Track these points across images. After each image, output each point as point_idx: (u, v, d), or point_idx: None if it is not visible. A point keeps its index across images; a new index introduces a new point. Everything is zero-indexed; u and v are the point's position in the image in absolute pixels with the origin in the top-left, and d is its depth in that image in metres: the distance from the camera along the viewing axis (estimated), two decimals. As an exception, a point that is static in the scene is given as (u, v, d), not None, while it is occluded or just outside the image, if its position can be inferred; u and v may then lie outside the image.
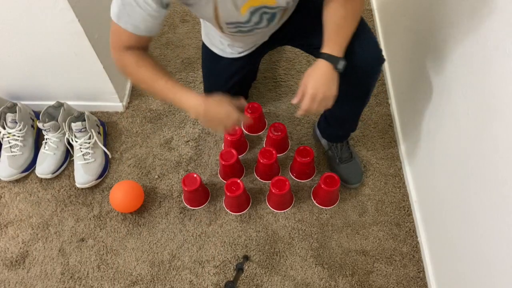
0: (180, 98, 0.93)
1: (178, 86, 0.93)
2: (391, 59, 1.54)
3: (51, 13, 1.12)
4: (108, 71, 1.35)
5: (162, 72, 0.92)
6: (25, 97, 1.45)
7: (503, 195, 0.80)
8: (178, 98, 0.93)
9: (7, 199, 1.34)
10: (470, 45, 0.92)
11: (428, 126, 1.18)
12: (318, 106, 0.90)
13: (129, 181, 1.30)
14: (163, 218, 1.29)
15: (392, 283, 1.17)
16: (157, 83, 0.92)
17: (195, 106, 0.92)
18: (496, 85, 0.82)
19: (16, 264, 1.23)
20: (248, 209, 1.30)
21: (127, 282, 1.19)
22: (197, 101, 0.92)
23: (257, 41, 1.17)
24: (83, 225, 1.29)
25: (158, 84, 0.92)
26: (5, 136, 1.36)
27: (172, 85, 0.92)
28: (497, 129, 0.82)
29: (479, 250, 0.91)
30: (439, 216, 1.12)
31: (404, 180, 1.34)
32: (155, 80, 0.92)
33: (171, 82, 0.92)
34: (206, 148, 1.42)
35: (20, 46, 1.23)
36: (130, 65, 0.91)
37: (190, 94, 0.92)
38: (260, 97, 1.53)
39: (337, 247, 1.23)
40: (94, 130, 1.35)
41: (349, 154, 1.32)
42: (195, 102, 0.92)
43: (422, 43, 1.21)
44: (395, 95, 1.48)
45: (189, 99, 0.92)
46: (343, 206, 1.30)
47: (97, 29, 1.26)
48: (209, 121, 0.96)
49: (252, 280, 1.18)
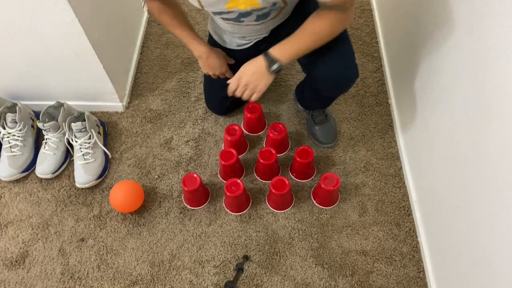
0: (192, 46, 1.19)
1: (190, 35, 1.17)
2: (391, 59, 1.54)
3: (51, 13, 1.12)
4: (108, 71, 1.35)
5: (179, 21, 1.13)
6: (25, 97, 1.45)
7: (503, 195, 0.80)
8: (190, 45, 1.19)
9: (7, 199, 1.34)
10: (470, 45, 0.92)
11: (428, 126, 1.18)
12: (242, 91, 1.05)
13: (129, 181, 1.30)
14: (163, 218, 1.29)
15: (392, 283, 1.17)
16: (174, 30, 1.16)
17: (201, 53, 1.20)
18: (496, 85, 0.82)
19: (16, 264, 1.23)
20: (248, 209, 1.30)
21: (127, 282, 1.19)
22: (203, 49, 1.20)
23: (256, 34, 1.18)
24: (83, 225, 1.29)
25: (175, 31, 1.16)
26: (5, 136, 1.36)
27: (186, 33, 1.16)
28: (497, 129, 0.82)
29: (479, 250, 0.91)
30: (439, 216, 1.12)
31: (404, 180, 1.34)
32: (173, 27, 1.15)
33: (185, 31, 1.16)
34: (206, 148, 1.42)
35: (20, 46, 1.23)
36: (154, 12, 1.12)
37: (198, 44, 1.18)
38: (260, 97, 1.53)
39: (337, 247, 1.23)
40: (94, 130, 1.35)
41: (324, 116, 1.40)
42: (201, 50, 1.19)
43: (422, 43, 1.21)
44: (395, 95, 1.48)
45: (197, 47, 1.19)
46: (343, 206, 1.30)
47: (97, 29, 1.26)
48: (206, 66, 1.23)
49: (252, 280, 1.18)
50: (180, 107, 1.52)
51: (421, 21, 1.22)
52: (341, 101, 1.52)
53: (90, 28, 1.21)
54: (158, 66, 1.63)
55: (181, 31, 1.15)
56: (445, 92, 1.06)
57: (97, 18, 1.27)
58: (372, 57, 1.62)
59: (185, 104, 1.53)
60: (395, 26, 1.50)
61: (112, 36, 1.40)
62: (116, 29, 1.44)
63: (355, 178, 1.35)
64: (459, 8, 0.97)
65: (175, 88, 1.57)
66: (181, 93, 1.56)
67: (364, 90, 1.54)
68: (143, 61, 1.65)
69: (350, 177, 1.35)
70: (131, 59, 1.61)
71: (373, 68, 1.60)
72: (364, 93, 1.54)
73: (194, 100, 1.53)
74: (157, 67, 1.63)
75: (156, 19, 1.17)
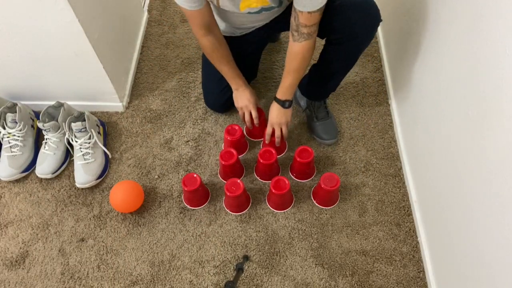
0: (233, 80, 1.31)
1: (236, 71, 1.30)
2: (391, 59, 1.54)
3: (51, 13, 1.12)
4: (108, 71, 1.35)
5: (228, 58, 1.26)
6: (25, 97, 1.45)
7: (503, 195, 0.80)
8: (232, 79, 1.31)
9: (7, 199, 1.34)
10: (470, 44, 0.92)
11: (428, 126, 1.18)
12: (278, 130, 1.29)
13: (129, 181, 1.30)
14: (163, 218, 1.29)
15: (392, 283, 1.17)
16: (222, 66, 1.27)
17: (238, 85, 1.32)
18: (496, 85, 0.82)
19: (16, 264, 1.23)
20: (248, 209, 1.30)
21: (127, 282, 1.19)
22: (241, 83, 1.32)
23: (258, 23, 1.24)
24: (83, 225, 1.29)
25: (224, 67, 1.27)
26: (5, 136, 1.36)
27: (233, 70, 1.29)
28: (497, 129, 0.82)
29: (479, 250, 0.91)
30: (439, 216, 1.12)
31: (404, 180, 1.34)
32: (222, 64, 1.27)
33: (232, 67, 1.28)
34: (206, 148, 1.42)
35: (20, 46, 1.23)
36: (207, 48, 1.22)
37: (239, 78, 1.31)
38: (260, 97, 1.53)
39: (337, 247, 1.23)
40: (94, 130, 1.35)
41: (326, 113, 1.43)
42: (240, 83, 1.32)
43: (422, 43, 1.21)
44: (395, 95, 1.48)
45: (237, 81, 1.31)
46: (343, 206, 1.30)
47: (97, 29, 1.26)
48: (238, 98, 1.34)
49: (252, 280, 1.18)
50: (180, 107, 1.52)
51: (421, 21, 1.22)
52: (341, 101, 1.52)
53: (90, 28, 1.21)
54: (158, 66, 1.64)
55: (229, 67, 1.27)
56: (445, 92, 1.06)
57: (97, 18, 1.27)
58: (372, 57, 1.63)
59: (185, 104, 1.53)
60: (395, 26, 1.50)
61: (112, 36, 1.40)
62: (116, 29, 1.44)
63: (355, 178, 1.35)
64: (459, 8, 0.97)
65: (175, 88, 1.57)
66: (181, 93, 1.56)
67: (364, 90, 1.54)
68: (143, 61, 1.65)
69: (350, 177, 1.35)
70: (131, 59, 1.61)
71: (373, 68, 1.60)
72: (364, 93, 1.54)
73: (194, 100, 1.53)
74: (157, 67, 1.63)
75: (207, 55, 1.26)
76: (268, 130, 1.31)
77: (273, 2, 1.09)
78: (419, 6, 1.24)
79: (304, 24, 1.04)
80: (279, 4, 1.12)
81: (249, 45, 1.34)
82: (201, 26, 1.15)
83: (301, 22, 1.04)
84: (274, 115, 1.28)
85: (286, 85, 1.22)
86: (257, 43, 1.38)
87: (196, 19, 1.13)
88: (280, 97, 1.25)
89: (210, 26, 1.16)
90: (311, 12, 1.01)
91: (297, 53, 1.12)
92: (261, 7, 1.10)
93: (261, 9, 1.12)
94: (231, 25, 1.26)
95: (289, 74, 1.19)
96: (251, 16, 1.16)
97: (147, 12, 1.79)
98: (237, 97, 1.34)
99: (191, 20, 1.15)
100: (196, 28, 1.16)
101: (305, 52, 1.12)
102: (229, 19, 1.23)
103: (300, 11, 1.01)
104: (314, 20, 1.04)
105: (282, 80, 1.23)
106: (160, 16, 1.80)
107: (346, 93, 1.54)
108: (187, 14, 1.12)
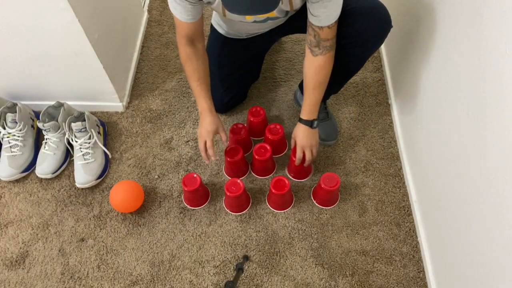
0: (199, 100, 1.20)
1: (203, 91, 1.18)
2: (391, 59, 1.54)
3: (51, 13, 1.12)
4: (108, 71, 1.35)
5: (199, 74, 1.17)
6: (25, 97, 1.45)
7: (503, 195, 0.80)
8: (198, 99, 1.20)
9: (7, 199, 1.34)
10: (470, 45, 0.92)
11: (428, 126, 1.18)
12: (308, 153, 1.22)
13: (129, 181, 1.30)
14: (163, 218, 1.29)
15: (392, 283, 1.17)
16: (191, 82, 1.18)
17: (203, 110, 1.20)
18: (496, 85, 0.82)
19: (16, 264, 1.23)
20: (248, 209, 1.30)
21: (127, 282, 1.19)
22: (207, 107, 1.19)
23: (263, 29, 1.24)
24: (83, 225, 1.29)
25: (192, 83, 1.18)
26: (5, 136, 1.36)
27: (200, 88, 1.18)
28: (497, 129, 0.82)
29: (479, 250, 0.91)
30: (439, 216, 1.12)
31: (404, 180, 1.34)
32: (192, 79, 1.18)
33: (200, 86, 1.17)
34: (206, 148, 1.42)
35: (20, 46, 1.23)
36: (181, 60, 1.17)
37: (205, 101, 1.19)
38: (260, 97, 1.53)
39: (337, 247, 1.23)
40: (94, 130, 1.35)
41: (326, 114, 1.42)
42: (205, 107, 1.19)
43: (422, 43, 1.21)
44: (395, 95, 1.48)
45: (203, 104, 1.19)
46: (343, 206, 1.30)
47: (97, 29, 1.26)
48: (201, 124, 1.20)
49: (252, 280, 1.18)
50: (180, 107, 1.52)
51: (421, 21, 1.22)
52: (341, 101, 1.52)
53: (90, 28, 1.21)
54: (158, 66, 1.64)
55: (197, 84, 1.17)
56: (445, 92, 1.06)
57: (97, 18, 1.27)
58: (372, 57, 1.63)
59: (185, 104, 1.53)
60: (395, 26, 1.50)
61: (112, 36, 1.40)
62: (116, 29, 1.44)
63: (355, 178, 1.35)
64: (459, 7, 0.97)
65: (175, 88, 1.57)
66: (181, 93, 1.56)
67: (364, 90, 1.54)
68: (143, 61, 1.65)
69: (350, 177, 1.35)
70: (131, 59, 1.61)
71: (373, 68, 1.60)
72: (364, 93, 1.54)
73: (194, 100, 1.53)
74: (157, 67, 1.63)
75: (182, 64, 1.19)
76: (298, 155, 1.22)
77: (279, 13, 1.10)
78: (419, 6, 1.24)
79: (326, 38, 1.04)
80: (285, 14, 1.12)
81: (254, 48, 1.34)
82: (185, 36, 1.12)
83: (322, 37, 1.04)
84: (303, 137, 1.21)
85: (312, 102, 1.17)
86: (262, 46, 1.38)
87: (183, 30, 1.10)
88: (307, 117, 1.19)
89: (194, 40, 1.14)
90: (331, 26, 1.01)
91: (321, 66, 1.10)
92: (267, 17, 1.12)
93: (267, 19, 1.13)
94: (237, 31, 1.26)
95: (314, 90, 1.14)
96: (257, 24, 1.16)
97: (147, 12, 1.79)
98: (199, 123, 1.22)
99: (178, 29, 1.12)
100: (179, 36, 1.13)
101: (330, 63, 1.10)
102: (234, 26, 1.23)
103: (320, 27, 1.01)
104: (333, 32, 1.04)
105: (306, 98, 1.17)
106: (160, 16, 1.80)
107: (346, 93, 1.54)
108: (176, 23, 1.10)
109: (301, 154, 1.22)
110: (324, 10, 0.98)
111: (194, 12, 1.05)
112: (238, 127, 1.34)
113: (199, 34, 1.14)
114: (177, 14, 1.05)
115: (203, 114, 1.20)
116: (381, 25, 1.10)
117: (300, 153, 1.22)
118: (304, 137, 1.20)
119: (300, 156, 1.23)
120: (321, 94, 1.15)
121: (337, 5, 0.99)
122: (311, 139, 1.21)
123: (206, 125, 1.19)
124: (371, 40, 1.12)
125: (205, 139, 1.19)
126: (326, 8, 0.97)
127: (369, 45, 1.13)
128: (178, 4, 1.03)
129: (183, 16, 1.05)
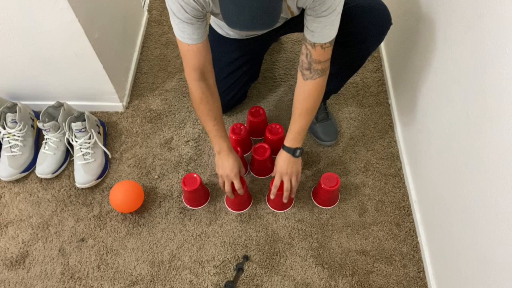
0: (216, 140, 1.14)
1: (220, 131, 1.13)
2: (391, 59, 1.54)
3: (51, 13, 1.12)
4: (108, 71, 1.35)
5: (214, 114, 1.11)
6: (25, 97, 1.45)
7: (503, 195, 0.80)
8: (214, 139, 1.15)
9: (7, 199, 1.34)
10: (470, 44, 0.92)
11: (428, 126, 1.18)
12: (286, 182, 1.15)
13: (129, 181, 1.30)
14: (163, 218, 1.29)
15: (392, 283, 1.17)
16: (207, 122, 1.12)
17: (221, 149, 1.15)
18: (496, 85, 0.82)
19: (16, 264, 1.23)
20: (248, 209, 1.30)
21: (127, 282, 1.19)
22: (225, 146, 1.15)
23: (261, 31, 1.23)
24: (83, 225, 1.29)
25: (208, 123, 1.12)
26: (5, 136, 1.36)
27: (217, 128, 1.12)
28: (497, 129, 0.82)
29: (479, 250, 0.91)
30: (439, 216, 1.12)
31: (404, 180, 1.34)
32: (207, 119, 1.11)
33: (217, 125, 1.12)
34: (206, 148, 1.42)
35: (20, 46, 1.23)
36: (195, 99, 1.09)
37: (223, 140, 1.14)
38: (260, 97, 1.53)
39: (337, 247, 1.23)
40: (94, 130, 1.35)
41: (326, 114, 1.42)
42: (223, 146, 1.15)
43: (422, 42, 1.21)
44: (395, 95, 1.48)
45: (221, 143, 1.15)
46: (343, 206, 1.30)
47: (97, 29, 1.26)
48: (220, 164, 1.17)
49: (252, 280, 1.18)
50: (180, 107, 1.52)
51: (421, 21, 1.22)
52: (341, 101, 1.52)
53: (90, 28, 1.21)
54: (158, 66, 1.64)
55: (214, 123, 1.11)
56: (445, 92, 1.06)
57: (97, 18, 1.27)
58: (372, 57, 1.63)
59: (185, 104, 1.53)
60: (395, 26, 1.50)
61: (112, 36, 1.40)
62: (116, 29, 1.44)
63: (355, 178, 1.35)
64: (459, 7, 0.97)
65: (175, 88, 1.57)
66: (181, 93, 1.56)
67: (364, 90, 1.54)
68: (143, 61, 1.65)
69: (350, 177, 1.35)
70: (131, 59, 1.61)
71: (373, 68, 1.60)
72: (364, 93, 1.54)
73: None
74: (157, 67, 1.63)
75: (194, 105, 1.11)
76: (275, 182, 1.17)
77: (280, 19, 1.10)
78: (419, 6, 1.24)
79: (318, 60, 1.00)
80: (285, 19, 1.13)
81: (253, 48, 1.33)
82: (195, 68, 1.04)
83: (314, 58, 1.00)
84: (282, 165, 1.15)
85: (297, 129, 1.11)
86: (262, 46, 1.37)
87: (192, 59, 1.02)
88: (290, 144, 1.13)
89: (205, 71, 1.06)
90: (324, 46, 0.98)
91: (310, 91, 1.05)
92: None
93: None
94: (236, 32, 1.26)
95: (300, 117, 1.09)
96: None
97: (147, 12, 1.79)
98: (218, 163, 1.17)
99: (186, 59, 1.04)
100: (188, 68, 1.04)
101: (320, 90, 1.06)
102: (234, 29, 1.23)
103: (313, 44, 0.98)
104: (327, 55, 1.01)
105: (292, 124, 1.12)
106: (160, 16, 1.80)
107: (346, 93, 1.54)
108: (183, 51, 1.02)
109: (279, 182, 1.17)
110: (318, 25, 0.95)
111: (202, 28, 0.99)
112: (238, 127, 1.34)
113: (207, 62, 1.06)
114: (185, 37, 0.98)
115: (222, 154, 1.15)
116: (381, 22, 1.10)
117: (278, 181, 1.16)
118: (284, 164, 1.14)
119: (277, 184, 1.17)
120: (308, 121, 1.10)
121: (332, 24, 0.94)
122: (291, 167, 1.15)
123: (230, 167, 1.15)
124: (371, 37, 1.12)
125: (231, 180, 1.16)
126: (320, 23, 0.94)
127: (370, 43, 1.13)
128: (187, 24, 0.96)
129: (193, 37, 0.98)
